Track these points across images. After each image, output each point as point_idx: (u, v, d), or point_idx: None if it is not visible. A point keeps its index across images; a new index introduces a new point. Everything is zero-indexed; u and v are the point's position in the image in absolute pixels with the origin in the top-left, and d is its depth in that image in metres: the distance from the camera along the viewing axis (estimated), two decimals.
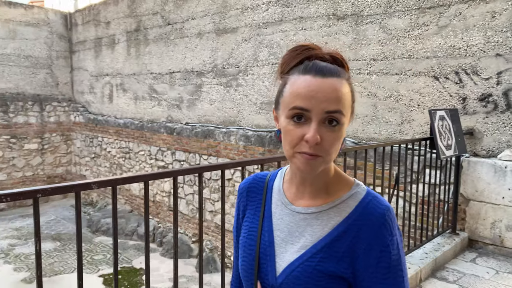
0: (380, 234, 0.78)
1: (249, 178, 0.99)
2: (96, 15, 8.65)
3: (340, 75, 0.79)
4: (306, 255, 0.81)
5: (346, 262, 0.79)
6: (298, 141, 0.77)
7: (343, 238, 0.80)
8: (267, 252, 0.87)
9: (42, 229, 7.39)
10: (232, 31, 5.74)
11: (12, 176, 8.68)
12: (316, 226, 0.83)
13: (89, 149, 8.93)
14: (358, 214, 0.81)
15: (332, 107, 0.75)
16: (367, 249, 0.78)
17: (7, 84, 8.68)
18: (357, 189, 0.84)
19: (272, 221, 0.89)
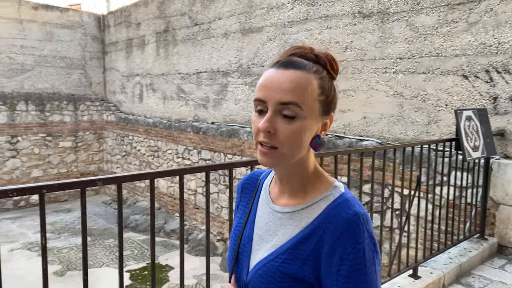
0: (342, 240, 0.74)
1: (246, 175, 1.00)
2: (127, 16, 8.88)
3: (306, 68, 0.77)
4: (273, 255, 0.81)
5: (310, 266, 0.76)
6: (258, 131, 0.76)
7: (308, 241, 0.78)
8: (245, 248, 0.88)
9: (73, 224, 7.68)
10: (258, 30, 5.74)
11: (48, 172, 9.05)
12: (289, 226, 0.82)
13: (120, 147, 9.19)
14: (324, 217, 0.78)
15: (286, 99, 0.74)
16: (329, 255, 0.75)
17: (44, 84, 9.05)
18: (332, 191, 0.81)
19: (255, 218, 0.89)
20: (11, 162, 8.63)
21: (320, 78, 0.78)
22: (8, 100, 8.53)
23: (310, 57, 0.80)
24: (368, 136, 4.50)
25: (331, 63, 0.81)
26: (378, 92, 4.37)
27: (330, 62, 0.81)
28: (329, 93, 0.80)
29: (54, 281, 5.44)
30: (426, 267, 2.81)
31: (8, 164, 8.59)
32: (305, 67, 0.77)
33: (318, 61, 0.80)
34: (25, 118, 8.75)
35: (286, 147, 0.75)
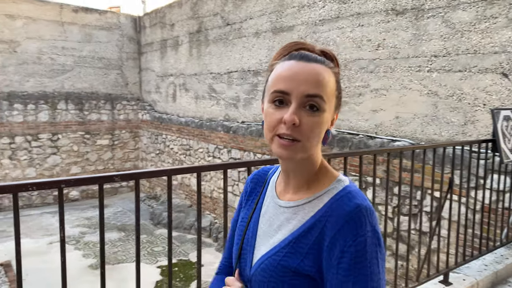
0: (343, 232, 0.73)
1: (255, 172, 1.01)
2: (162, 18, 9.07)
3: (325, 63, 0.78)
4: (275, 249, 0.80)
5: (311, 259, 0.76)
6: (277, 124, 0.75)
7: (309, 234, 0.77)
8: (249, 243, 0.88)
9: (109, 219, 7.92)
10: (289, 29, 5.71)
11: (86, 169, 9.40)
12: (292, 221, 0.81)
13: (154, 145, 9.40)
14: (325, 210, 0.77)
15: (312, 91, 0.75)
16: (329, 247, 0.74)
17: (83, 84, 9.41)
18: (336, 185, 0.81)
19: (260, 213, 0.89)
20: (51, 159, 9.02)
21: (335, 73, 0.80)
22: (49, 99, 8.93)
23: (317, 53, 0.81)
24: (400, 136, 4.37)
25: (338, 61, 0.83)
26: (411, 91, 4.24)
27: (337, 60, 0.83)
28: (340, 89, 0.83)
29: (88, 274, 5.64)
30: (459, 274, 2.69)
31: (49, 161, 8.99)
32: (324, 62, 0.78)
33: (331, 59, 0.81)
34: (65, 116, 9.12)
35: (309, 139, 0.76)
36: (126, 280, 5.49)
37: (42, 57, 8.88)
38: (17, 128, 8.60)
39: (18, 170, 8.65)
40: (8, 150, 8.54)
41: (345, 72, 4.91)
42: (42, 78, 8.91)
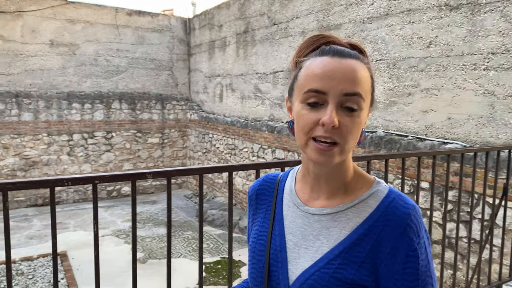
0: (405, 236, 0.70)
1: (258, 180, 0.93)
2: (210, 19, 9.24)
3: (360, 58, 0.74)
4: (323, 261, 0.73)
5: (367, 268, 0.71)
6: (313, 126, 0.71)
7: (364, 242, 0.72)
8: (278, 258, 0.79)
9: (157, 215, 8.19)
10: (336, 27, 5.60)
11: (137, 166, 9.79)
12: (333, 228, 0.75)
13: (201, 144, 9.61)
14: (379, 215, 0.72)
15: (351, 89, 0.70)
16: (392, 254, 0.70)
17: (136, 85, 9.81)
18: (378, 187, 0.76)
19: (283, 224, 0.82)
20: (106, 156, 9.49)
21: (369, 69, 0.76)
22: (104, 99, 9.39)
23: (347, 46, 0.76)
24: (452, 138, 4.13)
25: (366, 54, 0.78)
26: (465, 90, 4.00)
27: (365, 52, 0.78)
28: (374, 85, 0.78)
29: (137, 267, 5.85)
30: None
31: (104, 157, 9.46)
32: (359, 57, 0.74)
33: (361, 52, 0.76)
34: (119, 115, 9.56)
35: (348, 142, 0.71)
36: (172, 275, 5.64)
37: (99, 59, 9.36)
38: (75, 126, 9.13)
39: (75, 166, 9.17)
40: (67, 147, 9.09)
41: (393, 71, 4.73)
42: (98, 79, 9.39)
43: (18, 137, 8.57)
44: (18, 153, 8.59)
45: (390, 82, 4.79)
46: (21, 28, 8.50)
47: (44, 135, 8.83)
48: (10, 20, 8.39)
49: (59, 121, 8.96)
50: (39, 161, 8.80)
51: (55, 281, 1.14)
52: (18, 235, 6.97)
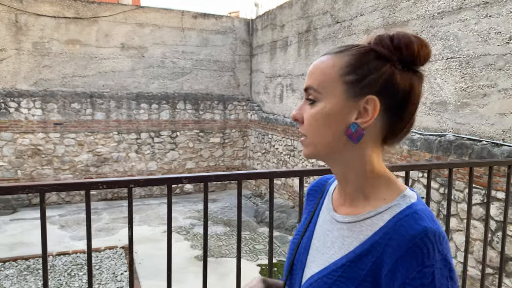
0: (405, 260, 0.62)
1: (316, 180, 0.94)
2: (273, 19, 9.21)
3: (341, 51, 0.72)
4: (327, 270, 0.72)
5: (367, 287, 0.66)
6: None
7: (366, 258, 0.67)
8: (300, 258, 0.81)
9: (216, 214, 8.33)
10: (402, 24, 5.28)
11: (199, 165, 10.05)
12: (347, 238, 0.72)
13: (261, 145, 9.62)
14: (385, 232, 0.66)
15: (306, 84, 0.74)
16: (389, 278, 0.63)
17: (199, 86, 10.07)
18: (400, 201, 0.69)
19: (315, 227, 0.82)
20: (170, 154, 9.85)
21: (350, 55, 0.70)
22: (170, 99, 9.75)
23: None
24: None
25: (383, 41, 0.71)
26: None
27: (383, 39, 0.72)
28: (363, 71, 0.69)
29: (194, 264, 5.97)
30: None
31: (168, 156, 9.83)
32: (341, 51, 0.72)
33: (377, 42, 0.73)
34: (183, 115, 9.87)
35: (310, 134, 0.72)
36: (228, 274, 5.68)
37: (165, 61, 9.74)
38: (142, 125, 9.58)
39: (143, 163, 9.62)
40: (135, 145, 9.56)
41: (466, 70, 4.35)
42: (165, 80, 9.77)
43: (92, 135, 9.18)
44: (91, 150, 9.20)
45: (462, 82, 4.41)
46: (96, 33, 9.10)
47: (114, 133, 9.37)
48: (86, 26, 9.01)
49: (128, 120, 9.46)
50: (110, 158, 9.35)
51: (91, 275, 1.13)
52: None
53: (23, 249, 6.30)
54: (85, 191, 1.10)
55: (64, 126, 8.92)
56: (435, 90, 4.82)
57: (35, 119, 8.65)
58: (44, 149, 8.78)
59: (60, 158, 8.93)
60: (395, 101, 0.70)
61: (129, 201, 1.14)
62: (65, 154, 8.96)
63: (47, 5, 8.67)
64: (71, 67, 8.96)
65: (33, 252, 6.16)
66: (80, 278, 5.37)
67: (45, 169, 8.79)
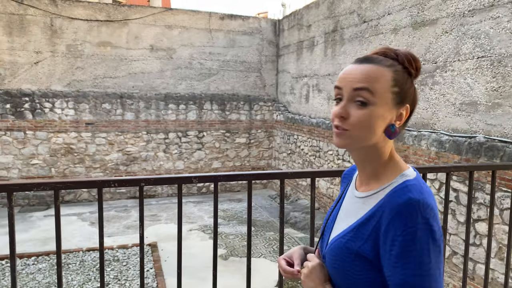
0: (394, 223, 0.80)
1: (349, 168, 1.13)
2: (299, 19, 9.17)
3: (381, 63, 0.88)
4: (342, 233, 0.92)
5: (370, 244, 0.85)
6: (333, 117, 0.89)
7: (369, 222, 0.87)
8: (328, 226, 1.01)
9: (241, 213, 8.36)
10: (431, 23, 5.14)
11: (225, 164, 10.12)
12: (361, 210, 0.92)
13: (286, 145, 9.59)
14: (384, 201, 0.86)
15: (358, 84, 0.85)
16: (384, 236, 0.82)
17: (226, 87, 10.15)
18: (398, 179, 0.88)
19: (342, 203, 1.02)
20: (197, 154, 9.98)
21: (394, 71, 0.89)
22: (197, 100, 9.88)
23: (390, 55, 0.91)
24: None
25: (409, 61, 0.91)
26: None
27: (408, 59, 0.91)
28: (404, 86, 0.89)
29: (218, 263, 6.01)
30: None
31: (195, 155, 9.96)
32: (380, 62, 0.88)
33: (396, 58, 0.90)
34: (210, 116, 9.98)
35: (356, 129, 0.86)
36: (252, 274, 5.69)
37: (193, 62, 9.88)
38: (170, 125, 9.75)
39: (170, 163, 9.80)
40: (163, 145, 9.75)
41: (498, 69, 4.19)
42: (192, 81, 9.91)
43: (122, 135, 9.42)
44: (121, 149, 9.45)
45: (493, 82, 4.25)
46: (126, 35, 9.33)
47: (143, 133, 9.59)
48: (117, 28, 9.26)
49: (156, 121, 9.65)
50: (139, 157, 9.57)
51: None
52: (117, 224, 7.65)
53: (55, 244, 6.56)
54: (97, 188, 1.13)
55: (95, 126, 9.20)
56: (465, 90, 4.67)
57: (68, 119, 8.97)
58: (76, 148, 9.08)
59: (91, 157, 9.22)
60: (413, 107, 0.92)
61: (140, 199, 1.17)
62: (96, 153, 9.24)
63: (80, 9, 8.97)
64: (102, 68, 9.23)
65: (64, 247, 6.39)
66: (107, 274, 5.52)
67: (77, 167, 9.09)
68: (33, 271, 5.56)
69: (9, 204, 1.05)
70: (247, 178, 1.28)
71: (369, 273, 0.85)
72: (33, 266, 5.71)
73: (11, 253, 1.17)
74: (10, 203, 1.06)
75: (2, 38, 8.48)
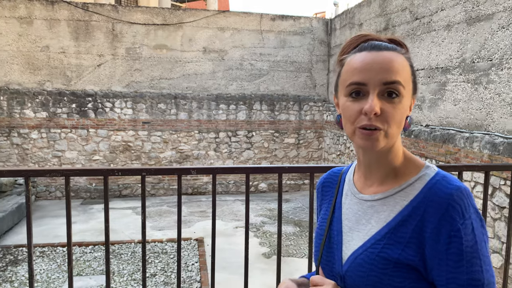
0: (448, 217, 0.71)
1: (325, 174, 1.02)
2: (351, 18, 9.01)
3: (397, 50, 0.80)
4: (370, 242, 0.79)
5: (413, 248, 0.74)
6: (357, 116, 0.77)
7: (408, 223, 0.76)
8: (334, 240, 0.87)
9: (288, 214, 8.38)
10: (487, 18, 4.84)
11: (273, 164, 10.18)
12: (382, 212, 0.80)
13: (336, 146, 9.45)
14: (423, 196, 0.76)
15: (390, 78, 0.76)
16: (434, 234, 0.72)
17: (275, 87, 10.21)
18: (426, 171, 0.80)
19: (341, 211, 0.90)
20: (246, 153, 10.14)
21: (407, 58, 0.82)
22: (247, 100, 10.04)
23: (386, 41, 0.83)
24: None
25: (406, 46, 0.85)
26: None
27: (405, 45, 0.85)
28: (415, 73, 0.84)
29: (261, 261, 6.10)
30: None
31: (244, 155, 10.13)
32: (396, 49, 0.80)
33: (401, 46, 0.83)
34: (259, 116, 10.10)
35: (391, 127, 0.76)
36: (292, 274, 5.71)
37: (244, 63, 10.06)
38: (221, 125, 10.01)
39: (220, 161, 10.05)
40: (214, 144, 10.02)
41: None
42: (242, 82, 10.09)
43: (175, 133, 9.83)
44: (175, 147, 9.85)
45: None
46: (181, 37, 9.73)
47: (195, 132, 9.93)
48: (172, 31, 9.68)
49: (208, 120, 9.95)
50: (191, 155, 9.93)
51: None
52: (168, 219, 7.99)
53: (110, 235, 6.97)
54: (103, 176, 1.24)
55: (151, 124, 9.68)
56: None
57: (126, 118, 9.52)
58: (133, 145, 9.62)
59: (147, 154, 9.71)
60: None
61: (143, 188, 1.26)
62: (151, 150, 9.72)
63: (139, 14, 9.50)
64: (158, 70, 9.69)
65: (118, 238, 6.81)
66: (155, 266, 5.80)
67: (134, 164, 9.62)
68: (90, 259, 5.99)
69: (26, 188, 1.20)
70: (245, 171, 1.33)
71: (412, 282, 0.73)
72: (90, 254, 6.14)
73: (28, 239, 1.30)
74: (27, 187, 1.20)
75: (70, 43, 9.22)
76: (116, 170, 1.21)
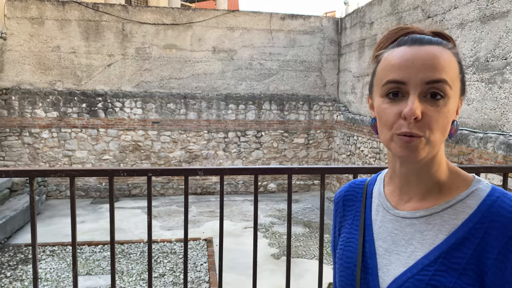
0: None
1: (345, 186, 0.91)
2: (362, 17, 8.92)
3: (442, 44, 0.69)
4: (416, 268, 0.68)
5: (471, 276, 0.64)
6: (395, 120, 0.67)
7: (464, 246, 0.66)
8: (367, 264, 0.76)
9: (297, 214, 8.32)
10: (501, 16, 4.74)
11: (283, 164, 10.12)
12: (427, 232, 0.70)
13: (346, 146, 9.36)
14: (481, 216, 0.66)
15: (434, 76, 0.66)
16: (500, 261, 0.63)
17: (285, 87, 10.16)
18: (478, 186, 0.70)
19: (372, 229, 0.78)
20: (255, 153, 10.11)
21: (455, 54, 0.71)
22: (256, 100, 10.01)
23: (429, 35, 0.71)
24: None
25: (453, 41, 0.73)
26: None
27: (452, 39, 0.73)
28: (464, 71, 0.73)
29: (270, 262, 6.06)
30: None
31: (253, 155, 10.10)
32: (441, 43, 0.69)
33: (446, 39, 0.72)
34: (268, 116, 10.05)
35: (434, 133, 0.66)
36: (302, 275, 5.66)
37: (253, 63, 10.02)
38: (230, 125, 9.98)
39: (229, 161, 10.02)
40: (223, 143, 10.01)
41: None
42: (252, 82, 10.06)
43: (185, 133, 9.84)
44: (184, 147, 9.86)
45: None
46: (190, 37, 9.72)
47: (204, 132, 9.92)
48: (182, 31, 9.68)
49: (217, 120, 9.94)
50: (200, 155, 9.92)
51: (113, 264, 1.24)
52: (177, 219, 7.99)
53: (120, 235, 7.00)
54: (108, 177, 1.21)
55: (160, 124, 9.70)
56: None
57: (136, 118, 9.55)
58: (143, 145, 9.65)
59: (156, 154, 9.73)
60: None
61: (149, 189, 1.23)
62: (161, 150, 9.74)
63: (148, 14, 9.52)
64: (168, 70, 9.70)
65: (128, 237, 6.83)
66: (164, 265, 5.80)
67: (144, 164, 9.65)
68: (99, 258, 6.00)
69: (31, 188, 1.18)
70: (253, 172, 1.29)
71: None
72: (99, 254, 6.16)
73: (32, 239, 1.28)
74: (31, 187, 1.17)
75: (80, 43, 9.27)
76: (121, 171, 1.18)
